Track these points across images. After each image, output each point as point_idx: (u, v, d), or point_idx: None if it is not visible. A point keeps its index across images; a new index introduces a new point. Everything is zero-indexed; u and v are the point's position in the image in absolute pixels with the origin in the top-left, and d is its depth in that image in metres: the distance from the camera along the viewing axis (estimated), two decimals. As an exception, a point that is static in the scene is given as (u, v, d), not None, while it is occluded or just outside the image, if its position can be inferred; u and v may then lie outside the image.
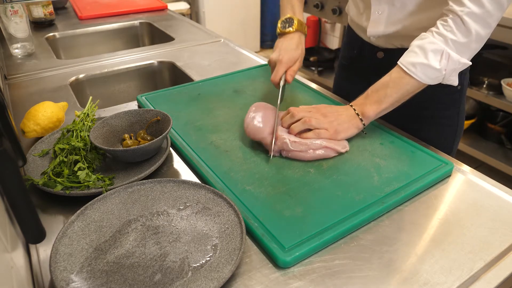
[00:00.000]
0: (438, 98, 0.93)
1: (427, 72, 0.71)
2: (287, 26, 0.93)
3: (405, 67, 0.73)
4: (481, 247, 0.58)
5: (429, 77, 0.72)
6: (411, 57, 0.73)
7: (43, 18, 1.58)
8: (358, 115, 0.78)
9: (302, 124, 0.77)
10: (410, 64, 0.72)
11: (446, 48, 0.70)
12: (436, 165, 0.72)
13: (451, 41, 0.70)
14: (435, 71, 0.71)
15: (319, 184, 0.68)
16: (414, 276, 0.53)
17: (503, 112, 2.17)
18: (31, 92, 1.07)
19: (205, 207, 0.62)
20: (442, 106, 0.94)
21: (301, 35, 0.94)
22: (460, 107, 0.96)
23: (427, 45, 0.71)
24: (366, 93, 0.79)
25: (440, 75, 0.72)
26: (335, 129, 0.76)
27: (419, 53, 0.72)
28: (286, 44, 0.91)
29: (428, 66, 0.71)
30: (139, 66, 1.26)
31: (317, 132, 0.76)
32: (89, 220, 0.59)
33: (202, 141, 0.81)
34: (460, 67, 0.72)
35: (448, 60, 0.70)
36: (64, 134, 0.77)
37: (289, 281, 0.53)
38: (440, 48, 0.70)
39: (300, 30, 0.93)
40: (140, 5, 1.83)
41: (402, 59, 0.74)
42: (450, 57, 0.70)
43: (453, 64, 0.71)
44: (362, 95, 0.80)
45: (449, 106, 0.95)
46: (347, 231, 0.60)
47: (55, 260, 0.52)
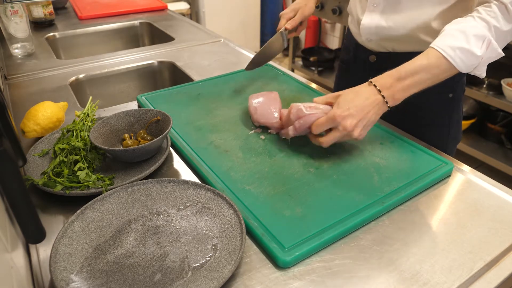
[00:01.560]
0: (430, 106, 0.93)
1: (466, 58, 0.66)
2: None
3: (443, 50, 0.67)
4: (481, 247, 0.58)
5: (466, 64, 0.67)
6: (449, 40, 0.67)
7: (43, 18, 1.58)
8: (388, 103, 0.70)
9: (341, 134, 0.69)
10: (449, 47, 0.66)
11: (489, 35, 0.66)
12: (436, 165, 0.72)
13: (494, 28, 0.66)
14: (475, 58, 0.66)
15: (319, 184, 0.68)
16: (414, 276, 0.53)
17: (503, 112, 2.17)
18: (31, 92, 1.07)
19: (205, 207, 0.62)
20: (434, 114, 0.94)
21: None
22: (453, 115, 0.95)
23: (470, 29, 0.66)
24: (398, 74, 0.69)
25: (476, 63, 0.68)
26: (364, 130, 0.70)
27: (459, 36, 0.66)
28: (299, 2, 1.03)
29: (469, 52, 0.66)
30: (139, 66, 1.26)
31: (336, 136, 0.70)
32: (89, 220, 0.59)
33: (202, 141, 0.81)
34: (495, 57, 0.69)
35: (488, 47, 0.66)
36: (64, 134, 0.77)
37: (289, 281, 0.53)
38: (483, 33, 0.66)
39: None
40: (140, 5, 1.83)
41: (439, 42, 0.68)
42: (491, 45, 0.66)
43: (491, 53, 0.67)
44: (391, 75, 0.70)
45: (440, 114, 0.94)
46: (347, 231, 0.60)
47: (55, 260, 0.52)
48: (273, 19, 4.01)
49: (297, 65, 3.27)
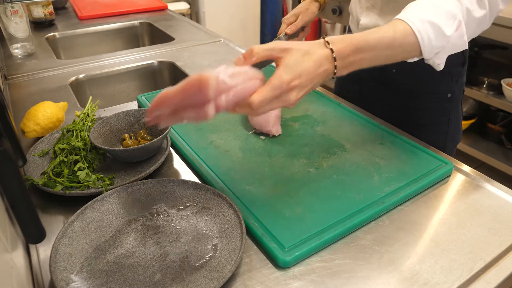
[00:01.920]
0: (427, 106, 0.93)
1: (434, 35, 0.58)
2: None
3: (411, 22, 0.58)
4: (481, 247, 0.58)
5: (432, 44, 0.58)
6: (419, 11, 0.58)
7: (43, 18, 1.58)
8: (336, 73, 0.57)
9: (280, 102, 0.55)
10: (419, 19, 0.57)
11: (460, 15, 0.59)
12: (436, 165, 0.72)
13: (467, 10, 0.59)
14: (443, 38, 0.58)
15: (319, 184, 0.68)
16: (414, 276, 0.53)
17: (503, 112, 2.16)
18: (31, 92, 1.07)
19: (205, 207, 0.62)
20: (432, 114, 0.94)
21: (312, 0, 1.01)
22: (451, 116, 0.95)
23: (442, 3, 0.58)
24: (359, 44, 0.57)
25: (440, 48, 0.60)
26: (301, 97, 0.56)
27: (430, 9, 0.58)
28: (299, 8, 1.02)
29: (438, 29, 0.57)
30: (139, 66, 1.26)
31: None
32: (89, 220, 0.59)
33: (202, 141, 0.81)
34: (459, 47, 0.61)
35: (457, 29, 0.58)
36: (64, 134, 0.77)
37: (289, 281, 0.53)
38: (455, 12, 0.58)
39: None
40: (140, 5, 1.83)
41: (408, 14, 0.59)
42: (460, 28, 0.59)
43: (457, 39, 0.60)
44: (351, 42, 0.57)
45: (439, 114, 0.94)
46: (347, 231, 0.60)
47: (55, 260, 0.52)
48: (273, 19, 4.01)
49: (297, 65, 3.26)
